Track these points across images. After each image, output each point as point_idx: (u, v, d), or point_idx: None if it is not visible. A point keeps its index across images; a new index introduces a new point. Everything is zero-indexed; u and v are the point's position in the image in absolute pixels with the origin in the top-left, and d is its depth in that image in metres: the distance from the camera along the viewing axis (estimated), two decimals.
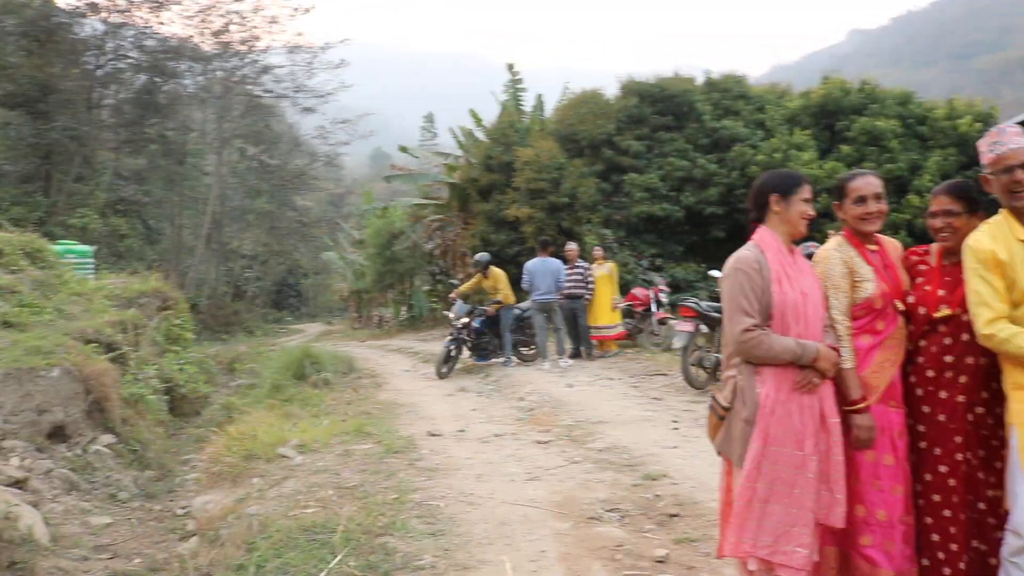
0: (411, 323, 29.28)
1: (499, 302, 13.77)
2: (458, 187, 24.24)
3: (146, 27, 31.15)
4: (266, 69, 35.86)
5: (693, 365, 10.50)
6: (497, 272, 13.92)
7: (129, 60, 31.26)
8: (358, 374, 13.76)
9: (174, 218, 35.62)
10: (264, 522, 5.51)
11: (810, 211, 3.66)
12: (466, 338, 13.67)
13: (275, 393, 11.70)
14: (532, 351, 14.05)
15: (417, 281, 30.74)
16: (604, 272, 14.24)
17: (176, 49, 31.93)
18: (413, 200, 28.89)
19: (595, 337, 14.09)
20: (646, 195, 19.02)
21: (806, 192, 3.67)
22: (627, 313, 14.92)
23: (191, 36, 33.28)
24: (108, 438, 8.09)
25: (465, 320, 13.50)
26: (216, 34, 33.69)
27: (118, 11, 30.00)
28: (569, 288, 13.70)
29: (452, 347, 13.47)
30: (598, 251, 14.69)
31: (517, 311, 13.97)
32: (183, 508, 7.31)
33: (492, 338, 13.92)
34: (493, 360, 13.88)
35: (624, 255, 17.87)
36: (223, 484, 7.22)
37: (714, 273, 12.52)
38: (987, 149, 3.42)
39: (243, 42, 34.50)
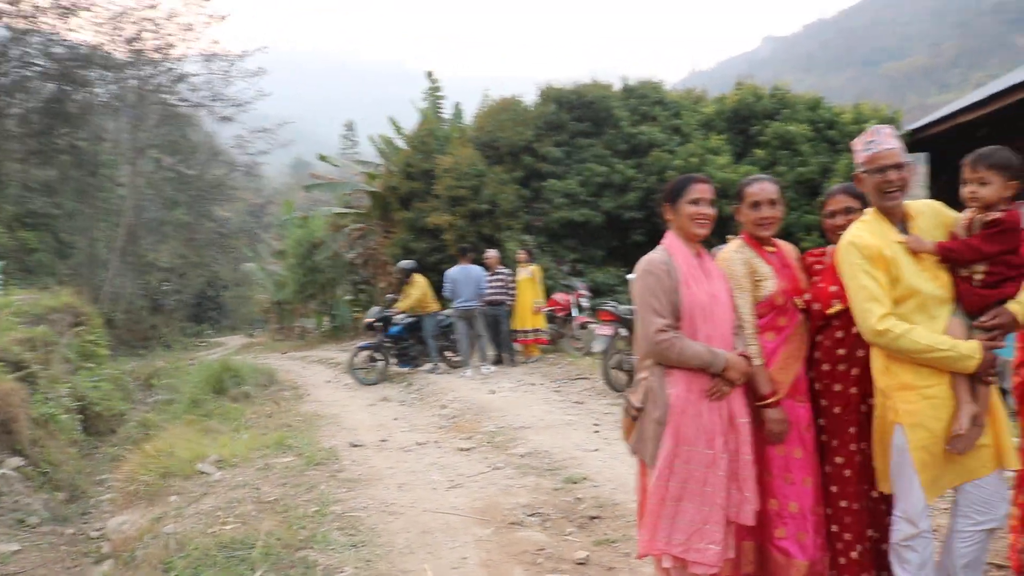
0: (334, 334, 29.00)
1: (395, 298, 13.88)
2: (379, 195, 24.09)
3: (54, 34, 30.18)
4: (182, 77, 35.09)
5: (613, 368, 10.63)
6: (418, 279, 13.92)
7: (36, 68, 30.24)
8: (279, 386, 13.58)
9: (87, 231, 34.56)
10: (181, 541, 5.40)
11: (702, 211, 3.67)
12: (389, 344, 13.65)
13: (194, 408, 11.47)
14: (460, 357, 14.10)
15: (339, 291, 30.42)
16: (527, 275, 14.32)
17: (87, 57, 31.01)
18: (334, 209, 28.58)
19: (519, 341, 14.19)
20: (566, 201, 19.19)
21: (694, 193, 3.69)
22: (548, 318, 15.04)
23: (102, 44, 32.34)
24: (16, 461, 7.82)
25: (369, 320, 13.50)
26: (129, 41, 32.83)
27: (22, 16, 29.03)
28: (491, 295, 13.77)
29: (374, 352, 13.44)
30: (522, 254, 14.78)
31: (441, 318, 14.00)
32: (97, 530, 7.11)
33: (415, 344, 13.92)
34: (420, 367, 13.87)
35: (545, 261, 17.98)
36: (139, 503, 7.05)
37: (632, 277, 12.75)
38: (862, 148, 3.53)
39: (157, 50, 33.69)
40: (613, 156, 19.96)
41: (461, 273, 13.57)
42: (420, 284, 13.85)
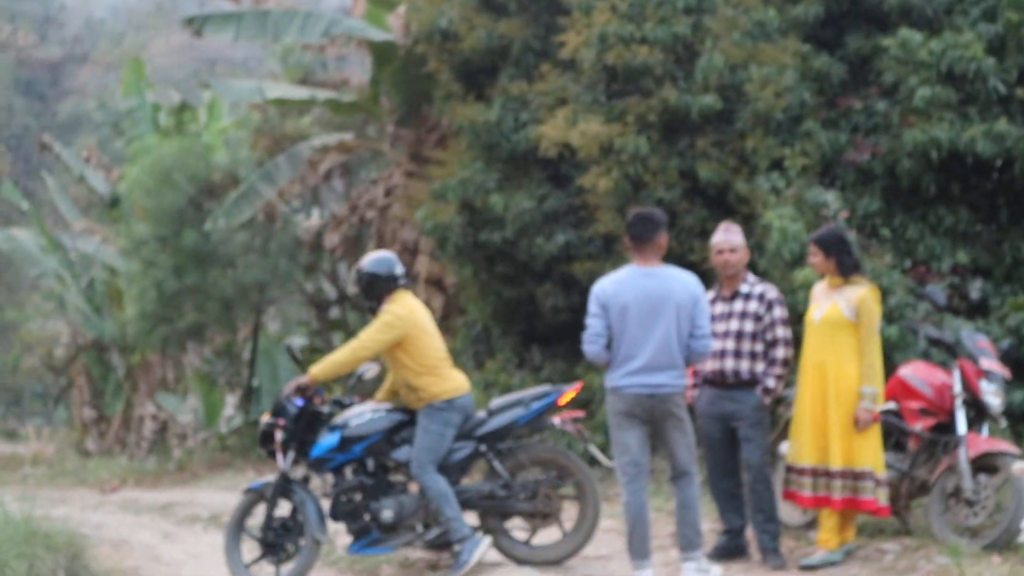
0: (252, 436, 11.84)
1: (358, 384, 5.94)
2: (400, 56, 10.78)
3: None
4: None
5: None
6: (403, 304, 5.55)
7: None
8: None
9: None
10: None
11: None
12: (336, 483, 5.64)
13: None
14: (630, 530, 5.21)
15: (273, 320, 15.24)
16: (838, 306, 5.29)
17: None
18: (266, 90, 12.15)
19: (795, 497, 5.41)
20: (943, 93, 7.12)
21: None
22: (887, 434, 5.77)
23: None
24: None
25: (269, 419, 5.55)
26: None
27: None
28: (723, 358, 5.45)
29: (286, 503, 5.63)
30: (816, 256, 5.38)
31: (483, 416, 5.67)
32: None
33: (389, 492, 5.60)
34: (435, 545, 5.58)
35: (886, 269, 6.88)
36: None
37: None
38: None
39: None
40: None
41: (635, 287, 4.87)
42: (409, 317, 5.53)
